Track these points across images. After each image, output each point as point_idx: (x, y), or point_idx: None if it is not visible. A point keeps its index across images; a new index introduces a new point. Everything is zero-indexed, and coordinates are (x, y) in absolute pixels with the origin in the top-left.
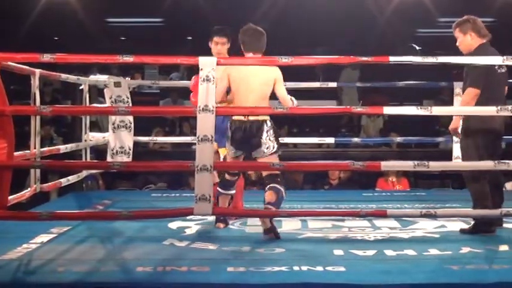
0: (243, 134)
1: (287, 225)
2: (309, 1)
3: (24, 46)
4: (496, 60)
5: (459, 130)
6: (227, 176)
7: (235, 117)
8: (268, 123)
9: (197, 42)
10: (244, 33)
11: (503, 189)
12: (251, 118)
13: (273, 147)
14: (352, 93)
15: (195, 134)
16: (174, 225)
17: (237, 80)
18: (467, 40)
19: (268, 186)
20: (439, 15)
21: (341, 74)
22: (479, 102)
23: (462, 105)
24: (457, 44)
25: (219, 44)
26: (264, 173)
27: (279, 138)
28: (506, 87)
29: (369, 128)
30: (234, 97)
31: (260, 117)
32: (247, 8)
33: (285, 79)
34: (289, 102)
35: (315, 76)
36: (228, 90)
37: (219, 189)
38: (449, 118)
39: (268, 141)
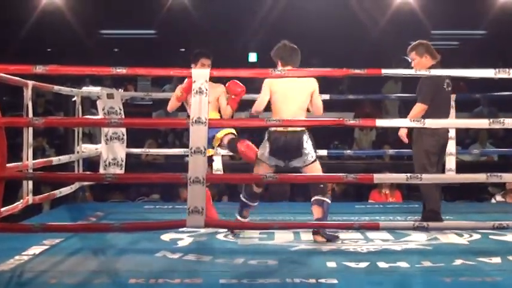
0: (284, 145)
1: (280, 238)
2: (303, 13)
3: (17, 57)
4: (488, 73)
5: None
6: (255, 189)
7: (273, 129)
8: (306, 133)
9: (190, 54)
10: (284, 49)
11: (493, 200)
12: (290, 129)
13: (313, 156)
14: (393, 106)
15: (182, 145)
16: (166, 237)
17: (278, 92)
18: (423, 61)
19: (312, 200)
20: (432, 27)
21: (383, 86)
22: (427, 116)
23: (410, 117)
24: (413, 65)
25: (206, 66)
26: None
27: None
28: (452, 103)
29: (361, 141)
30: (273, 108)
31: (299, 128)
32: (240, 21)
33: None
34: (321, 110)
35: (330, 87)
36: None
37: (246, 201)
38: None
39: (309, 151)
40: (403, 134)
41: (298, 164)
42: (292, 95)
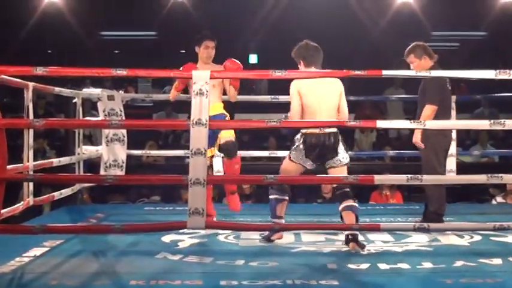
0: (321, 146)
1: (280, 239)
2: (303, 14)
3: (17, 59)
4: (488, 74)
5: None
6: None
7: (307, 131)
8: (339, 134)
9: (191, 56)
10: (307, 49)
11: (494, 201)
12: (327, 130)
13: (347, 158)
14: (397, 108)
15: (181, 146)
16: (167, 238)
17: (308, 94)
18: (422, 63)
19: (342, 207)
20: (432, 28)
21: (384, 93)
22: (435, 117)
23: (423, 120)
24: (412, 68)
25: (210, 48)
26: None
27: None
28: (453, 104)
29: (362, 142)
30: (306, 111)
31: (334, 129)
32: (240, 22)
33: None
34: (346, 115)
35: None
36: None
37: (277, 196)
38: None
39: (343, 152)
40: (418, 140)
41: (335, 164)
42: (324, 95)
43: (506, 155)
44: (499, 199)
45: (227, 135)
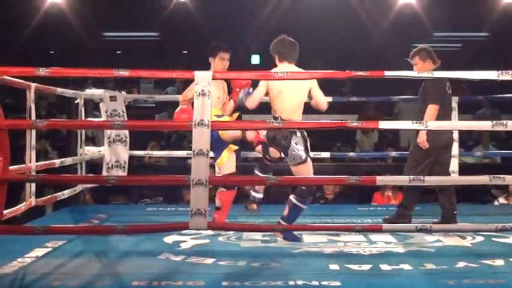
0: (272, 140)
1: (282, 240)
2: (305, 15)
3: (19, 60)
4: (490, 75)
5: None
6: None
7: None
8: (298, 133)
9: (193, 56)
10: (282, 44)
11: (496, 203)
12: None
13: (300, 157)
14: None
15: (184, 147)
16: (169, 239)
17: (276, 89)
18: (426, 66)
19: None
20: (434, 29)
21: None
22: (437, 117)
23: (427, 119)
24: (415, 69)
25: (225, 60)
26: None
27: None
28: (455, 105)
29: (363, 143)
30: (272, 105)
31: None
32: (242, 23)
33: None
34: (325, 104)
35: (332, 89)
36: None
37: (300, 204)
38: None
39: (297, 151)
40: (423, 140)
41: (289, 162)
42: (289, 91)
43: (509, 155)
44: (502, 200)
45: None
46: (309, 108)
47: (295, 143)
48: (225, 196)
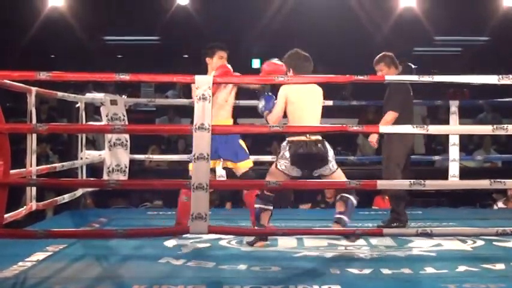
0: (308, 154)
1: (283, 244)
2: (306, 19)
3: (20, 63)
4: (491, 79)
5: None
6: (267, 192)
7: (294, 138)
8: (325, 142)
9: (193, 60)
10: (297, 57)
11: (495, 207)
12: (313, 138)
13: (335, 165)
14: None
15: (189, 152)
16: (170, 243)
17: (294, 102)
18: (390, 72)
19: (337, 197)
20: (435, 33)
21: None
22: (397, 123)
23: (382, 125)
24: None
25: (224, 58)
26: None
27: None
28: (455, 109)
29: (364, 147)
30: (291, 119)
31: (319, 137)
32: (243, 27)
33: None
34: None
35: (333, 93)
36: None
37: (261, 205)
38: (446, 137)
39: (333, 160)
40: (373, 139)
41: (324, 172)
42: (308, 104)
43: (509, 160)
44: (500, 204)
45: (246, 166)
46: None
47: (331, 157)
48: (251, 197)
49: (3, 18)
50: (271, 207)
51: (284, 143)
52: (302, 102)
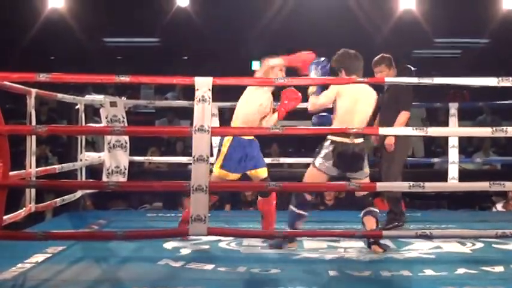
0: (351, 156)
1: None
2: (305, 22)
3: (20, 65)
4: (491, 81)
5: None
6: (308, 197)
7: (337, 139)
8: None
9: (193, 62)
10: (349, 57)
11: (494, 209)
12: (356, 141)
13: (368, 171)
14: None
15: (187, 154)
16: (169, 245)
17: (345, 99)
18: (391, 73)
19: (363, 213)
20: (435, 36)
21: None
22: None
23: (397, 126)
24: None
25: (283, 71)
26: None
27: None
28: (455, 111)
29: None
30: (338, 115)
31: (361, 139)
32: (243, 29)
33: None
34: None
35: None
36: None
37: (300, 212)
38: (445, 139)
39: (367, 164)
40: (391, 142)
41: (360, 176)
42: (360, 105)
43: (509, 162)
44: (499, 207)
45: (263, 174)
46: (308, 115)
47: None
48: (265, 204)
49: (3, 19)
50: (308, 214)
51: (326, 143)
52: (353, 101)
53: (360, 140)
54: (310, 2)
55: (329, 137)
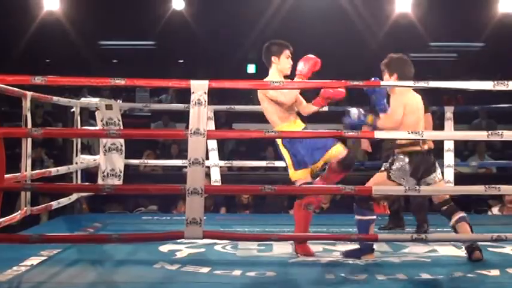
0: (425, 164)
1: (278, 249)
2: (301, 25)
3: (15, 68)
4: (486, 85)
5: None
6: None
7: (407, 149)
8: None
9: (188, 65)
10: (404, 63)
11: (490, 213)
12: (426, 147)
13: (440, 173)
14: None
15: (183, 157)
16: (164, 248)
17: (411, 111)
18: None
19: (457, 218)
20: (431, 40)
21: None
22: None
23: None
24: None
25: (290, 58)
26: (436, 199)
27: None
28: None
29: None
30: (403, 125)
31: (431, 145)
32: (239, 32)
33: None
34: None
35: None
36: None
37: (368, 217)
38: (441, 142)
39: (438, 167)
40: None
41: (432, 181)
42: (421, 113)
43: (504, 166)
44: (495, 211)
45: (338, 151)
46: (304, 117)
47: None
48: (295, 209)
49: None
50: (375, 216)
51: (401, 156)
52: (416, 112)
53: (429, 146)
54: (306, 6)
55: (396, 148)
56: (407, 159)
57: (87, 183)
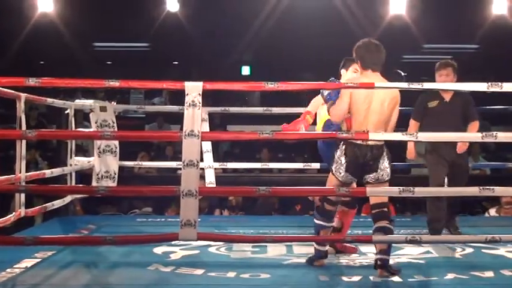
0: (362, 159)
1: (272, 251)
2: (296, 27)
3: (9, 70)
4: (480, 86)
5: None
6: (327, 206)
7: (351, 141)
8: (385, 148)
9: (183, 67)
10: (366, 48)
11: (487, 215)
12: (370, 143)
13: (387, 175)
14: None
15: (177, 159)
16: (159, 250)
17: (359, 101)
18: (454, 79)
19: (375, 227)
20: (425, 41)
21: None
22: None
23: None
24: (445, 81)
25: (358, 72)
26: (372, 201)
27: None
28: None
29: None
30: (352, 118)
31: (380, 142)
32: (233, 34)
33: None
34: (393, 128)
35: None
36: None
37: (320, 222)
38: None
39: (385, 168)
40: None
41: (370, 179)
42: (374, 104)
43: (498, 167)
44: (492, 212)
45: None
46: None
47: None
48: (347, 216)
49: None
50: (332, 224)
51: (340, 146)
52: (366, 103)
53: (375, 142)
54: (300, 8)
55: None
56: (343, 149)
57: (81, 185)
